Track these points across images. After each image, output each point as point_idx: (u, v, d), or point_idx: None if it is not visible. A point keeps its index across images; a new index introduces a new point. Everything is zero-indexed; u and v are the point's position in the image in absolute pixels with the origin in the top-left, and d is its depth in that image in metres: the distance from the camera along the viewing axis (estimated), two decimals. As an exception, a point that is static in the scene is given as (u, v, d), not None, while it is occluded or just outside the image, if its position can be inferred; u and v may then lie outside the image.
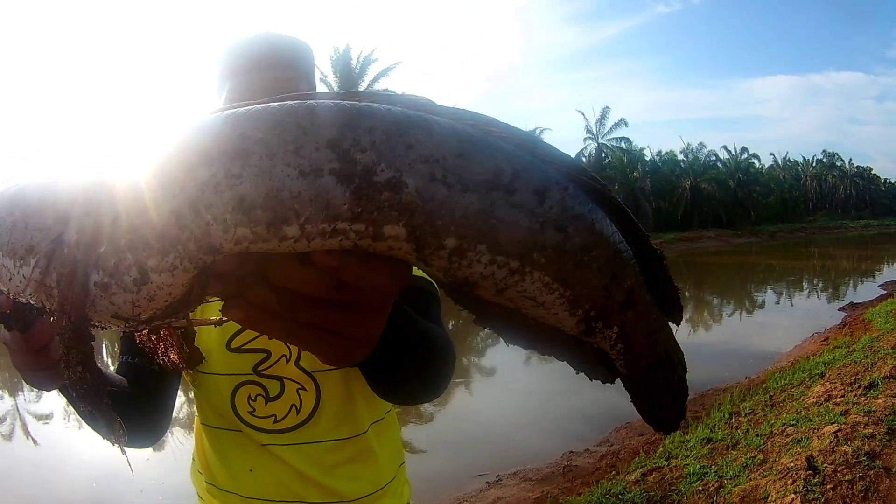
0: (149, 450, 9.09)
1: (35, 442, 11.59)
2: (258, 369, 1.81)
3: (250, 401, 1.82)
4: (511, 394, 13.63)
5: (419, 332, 1.32)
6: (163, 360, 1.21)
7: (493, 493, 8.28)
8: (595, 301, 0.81)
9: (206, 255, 0.69)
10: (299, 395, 1.83)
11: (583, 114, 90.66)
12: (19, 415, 12.96)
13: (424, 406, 12.46)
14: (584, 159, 75.70)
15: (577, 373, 0.94)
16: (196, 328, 1.59)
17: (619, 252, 0.82)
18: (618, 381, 0.97)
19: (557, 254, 0.76)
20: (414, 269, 0.78)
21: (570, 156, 0.81)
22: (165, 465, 8.68)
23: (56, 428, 12.11)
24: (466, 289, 0.77)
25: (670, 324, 0.98)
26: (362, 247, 0.70)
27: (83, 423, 1.41)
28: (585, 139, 78.54)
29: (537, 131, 70.56)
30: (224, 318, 0.79)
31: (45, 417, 12.66)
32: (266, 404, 1.82)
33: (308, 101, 0.70)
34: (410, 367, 1.32)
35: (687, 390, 1.02)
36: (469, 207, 0.70)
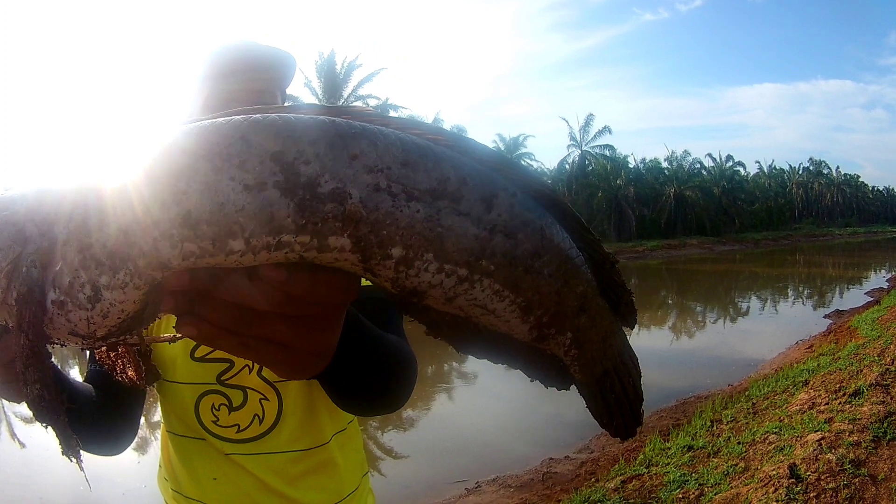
0: (133, 454, 9.29)
1: (21, 444, 11.58)
2: (222, 379, 1.83)
3: (214, 410, 1.85)
4: (491, 399, 13.70)
5: (377, 343, 1.33)
6: (121, 376, 1.23)
7: (471, 499, 8.33)
8: (547, 307, 0.83)
9: (155, 272, 0.70)
10: (262, 405, 1.86)
11: (566, 121, 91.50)
12: (5, 416, 12.91)
13: (405, 412, 12.56)
14: (567, 167, 77.28)
15: (532, 380, 0.96)
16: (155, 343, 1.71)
17: (570, 257, 0.84)
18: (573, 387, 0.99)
19: (507, 260, 0.77)
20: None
21: (521, 164, 0.87)
22: (148, 470, 8.66)
23: (41, 430, 11.95)
24: (415, 299, 0.78)
25: (625, 328, 1.01)
26: (308, 259, 0.71)
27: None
28: (569, 146, 78.84)
29: (521, 138, 71.30)
30: (178, 335, 0.81)
31: (30, 420, 12.62)
32: (229, 414, 1.85)
33: (253, 115, 0.71)
34: (369, 378, 1.34)
35: (642, 395, 1.04)
36: (415, 217, 0.72)
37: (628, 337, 1.02)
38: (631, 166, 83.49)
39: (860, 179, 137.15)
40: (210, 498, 1.88)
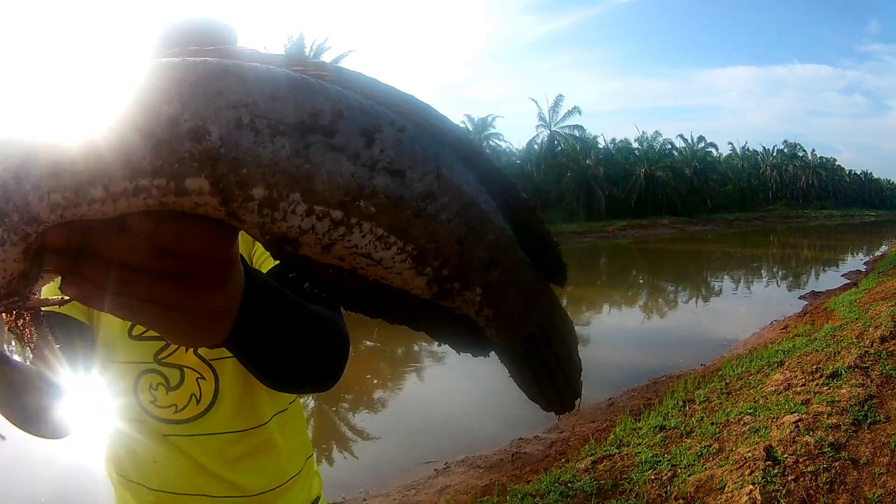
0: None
1: (1, 437, 11.42)
2: (158, 357, 1.82)
3: (152, 390, 1.83)
4: (461, 379, 13.64)
5: (293, 311, 1.24)
6: (28, 345, 1.17)
7: (441, 480, 8.34)
8: (447, 257, 0.78)
9: (28, 226, 0.68)
10: (199, 384, 1.84)
11: (536, 102, 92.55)
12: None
13: (375, 393, 12.84)
14: (536, 147, 77.84)
15: (440, 344, 0.91)
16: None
17: (474, 201, 0.79)
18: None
19: (392, 202, 0.72)
20: None
21: (423, 102, 0.79)
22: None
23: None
24: (289, 247, 0.72)
25: (554, 287, 0.94)
26: (169, 205, 0.67)
27: None
28: (538, 127, 79.41)
29: (489, 119, 71.94)
30: (66, 297, 0.78)
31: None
32: (167, 394, 1.83)
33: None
34: (285, 350, 1.23)
35: (579, 363, 0.98)
36: (279, 153, 0.66)
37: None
38: (601, 146, 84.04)
39: (837, 163, 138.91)
40: (152, 481, 1.87)
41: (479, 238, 0.79)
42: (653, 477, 6.50)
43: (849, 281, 25.81)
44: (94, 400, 1.93)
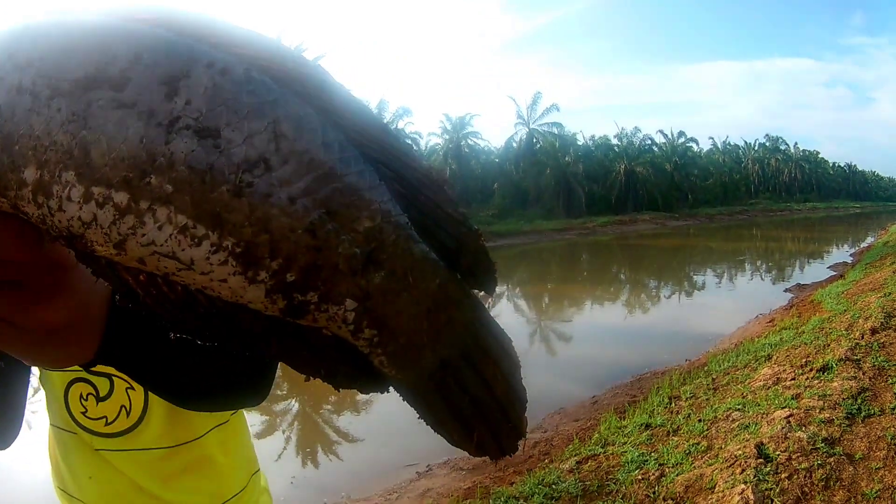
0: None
1: None
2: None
3: (82, 400, 1.74)
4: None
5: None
6: None
7: (423, 483, 8.33)
8: (290, 256, 0.58)
9: None
10: (128, 395, 1.74)
11: (514, 100, 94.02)
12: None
13: (356, 394, 12.62)
14: (514, 145, 78.88)
15: (308, 380, 0.69)
16: None
17: (338, 172, 0.59)
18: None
19: (197, 175, 0.54)
20: None
21: (269, 38, 0.61)
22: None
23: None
24: (81, 248, 0.58)
25: (481, 295, 0.75)
26: None
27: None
28: (517, 125, 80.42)
29: (467, 118, 72.61)
30: None
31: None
32: (97, 404, 1.74)
33: None
34: (177, 370, 1.10)
35: (522, 392, 0.77)
36: (53, 119, 0.54)
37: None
38: (580, 143, 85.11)
39: (820, 156, 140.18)
40: (88, 497, 1.79)
41: (345, 226, 0.59)
42: (640, 477, 6.40)
43: (835, 273, 25.98)
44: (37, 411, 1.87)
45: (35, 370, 1.70)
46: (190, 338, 0.65)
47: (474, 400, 0.72)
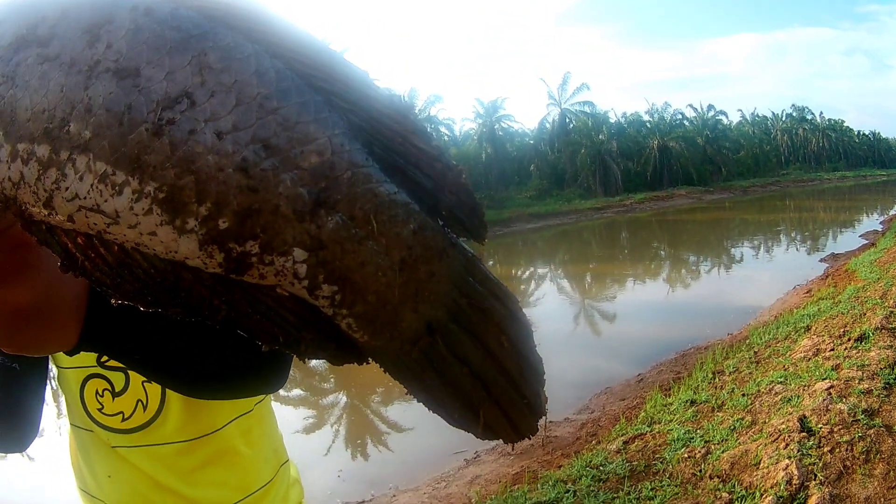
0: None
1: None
2: (101, 360, 1.65)
3: (98, 396, 1.67)
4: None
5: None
6: None
7: (471, 470, 8.20)
8: (220, 199, 0.51)
9: None
10: (144, 388, 1.67)
11: (544, 81, 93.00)
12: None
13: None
14: (548, 126, 78.04)
15: (267, 348, 0.59)
16: None
17: (274, 103, 0.52)
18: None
19: (114, 118, 0.50)
20: None
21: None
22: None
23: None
24: (18, 214, 0.55)
25: (473, 245, 0.63)
26: None
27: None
28: (549, 105, 79.57)
29: (499, 101, 72.06)
30: None
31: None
32: (113, 400, 1.66)
33: None
34: (171, 354, 1.05)
35: (537, 361, 0.66)
36: None
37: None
38: (612, 121, 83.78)
39: (845, 124, 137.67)
40: (109, 497, 1.71)
41: (287, 163, 0.51)
42: (686, 455, 6.32)
43: (867, 241, 25.50)
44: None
45: (53, 371, 1.72)
46: (132, 304, 0.57)
47: (475, 371, 0.62)
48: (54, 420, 7.97)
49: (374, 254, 0.55)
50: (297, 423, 10.96)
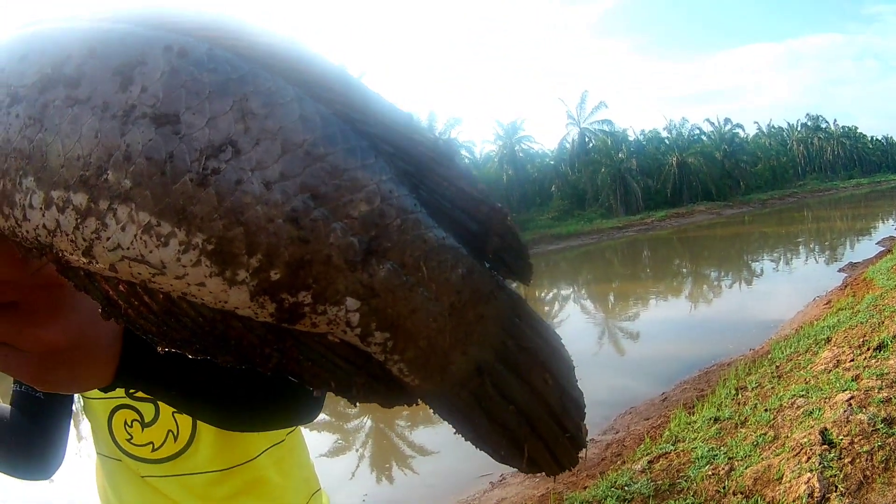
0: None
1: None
2: (131, 391, 1.62)
3: (127, 427, 1.66)
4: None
5: None
6: None
7: (496, 493, 8.17)
8: (271, 250, 0.49)
9: None
10: (175, 419, 1.66)
11: (563, 101, 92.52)
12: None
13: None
14: (567, 145, 77.65)
15: (317, 394, 0.59)
16: None
17: (321, 150, 0.50)
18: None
19: (156, 167, 0.47)
20: None
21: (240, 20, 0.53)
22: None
23: None
24: (55, 260, 0.53)
25: (516, 285, 0.63)
26: None
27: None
28: (568, 125, 79.45)
29: (518, 122, 71.89)
30: None
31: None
32: (143, 430, 1.66)
33: None
34: (211, 392, 1.00)
35: (579, 396, 0.65)
36: (11, 127, 0.49)
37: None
38: (631, 139, 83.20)
39: (858, 131, 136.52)
40: None
41: (337, 212, 0.49)
42: (710, 472, 6.30)
43: (883, 248, 25.27)
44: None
45: (77, 399, 1.75)
46: (179, 352, 0.55)
47: (521, 409, 0.62)
48: (75, 444, 7.99)
49: (424, 300, 0.54)
50: (322, 447, 10.94)
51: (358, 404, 0.61)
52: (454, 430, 0.63)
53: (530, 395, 0.62)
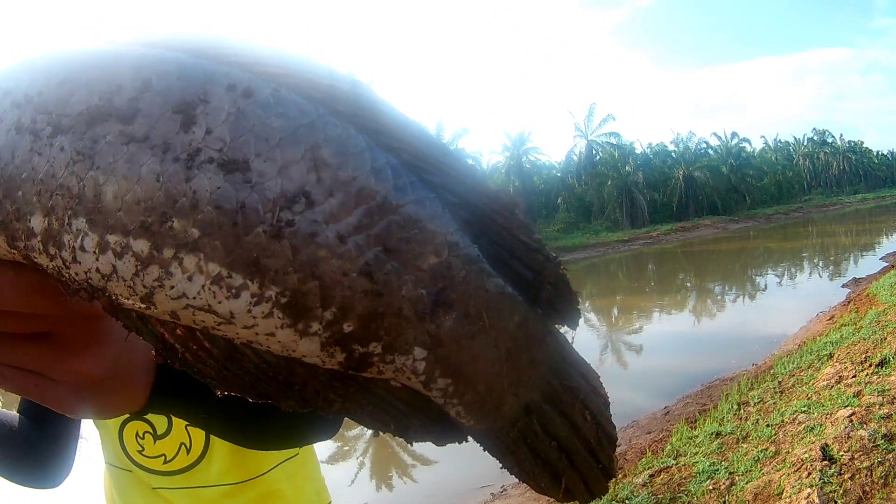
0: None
1: None
2: None
3: (138, 439, 1.65)
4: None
5: None
6: None
7: None
8: (346, 303, 0.47)
9: None
10: (188, 431, 1.65)
11: (571, 113, 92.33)
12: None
13: None
14: (574, 158, 77.34)
15: (378, 434, 0.56)
16: None
17: (392, 202, 0.49)
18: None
19: (227, 217, 0.45)
20: None
21: (301, 56, 0.51)
22: None
23: None
24: (104, 301, 0.49)
25: (563, 329, 0.63)
26: None
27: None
28: (575, 137, 79.14)
29: (526, 133, 71.69)
30: None
31: None
32: (155, 443, 1.64)
33: None
34: (239, 416, 0.98)
35: (613, 432, 0.67)
36: (56, 160, 0.46)
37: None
38: (638, 152, 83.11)
39: (864, 145, 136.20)
40: None
41: (407, 264, 0.49)
42: (711, 487, 6.31)
43: (887, 264, 25.19)
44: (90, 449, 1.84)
45: None
46: (239, 396, 0.54)
47: (562, 445, 0.64)
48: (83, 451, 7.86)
49: (485, 347, 0.55)
50: (322, 455, 10.74)
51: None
52: (500, 466, 0.65)
53: (570, 430, 0.64)
